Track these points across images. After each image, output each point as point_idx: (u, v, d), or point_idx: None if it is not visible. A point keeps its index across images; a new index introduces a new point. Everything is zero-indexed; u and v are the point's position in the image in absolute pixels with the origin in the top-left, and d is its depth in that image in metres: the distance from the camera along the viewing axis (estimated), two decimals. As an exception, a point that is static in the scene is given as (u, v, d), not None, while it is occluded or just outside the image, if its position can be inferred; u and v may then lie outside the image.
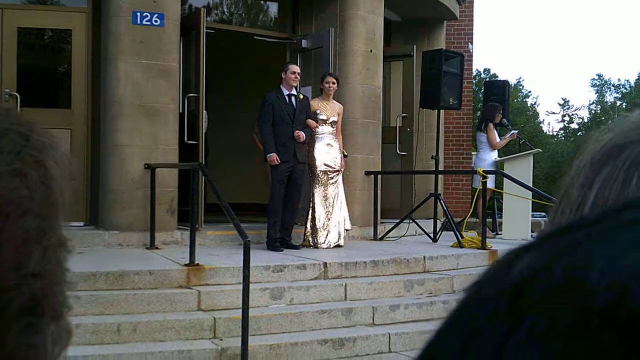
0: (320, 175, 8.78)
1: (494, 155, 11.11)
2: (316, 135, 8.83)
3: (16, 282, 0.69)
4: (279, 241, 8.45)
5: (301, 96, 8.72)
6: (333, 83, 8.95)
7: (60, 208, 0.76)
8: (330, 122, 8.90)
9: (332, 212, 8.79)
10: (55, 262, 0.74)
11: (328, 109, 8.91)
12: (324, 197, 8.79)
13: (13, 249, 0.68)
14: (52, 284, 0.74)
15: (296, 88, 8.76)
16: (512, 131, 11.31)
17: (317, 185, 8.79)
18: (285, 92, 8.59)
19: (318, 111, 8.85)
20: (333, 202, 8.82)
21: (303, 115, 8.64)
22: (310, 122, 8.71)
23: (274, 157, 8.37)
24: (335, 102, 9.08)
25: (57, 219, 0.75)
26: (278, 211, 8.49)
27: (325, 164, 8.80)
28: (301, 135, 8.46)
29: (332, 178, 8.84)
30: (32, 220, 0.70)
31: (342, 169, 9.01)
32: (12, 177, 0.69)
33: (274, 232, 8.47)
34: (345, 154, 9.27)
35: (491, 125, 11.12)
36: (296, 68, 8.70)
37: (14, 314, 0.68)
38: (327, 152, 8.83)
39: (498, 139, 11.13)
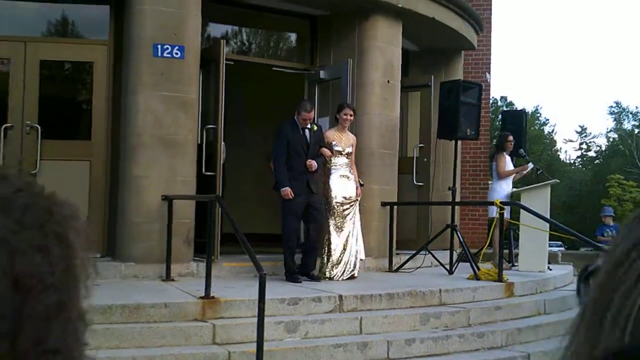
0: (336, 207, 8.80)
1: (507, 186, 10.99)
2: (332, 167, 8.86)
3: (36, 357, 0.71)
4: (298, 273, 8.46)
5: (315, 128, 8.75)
6: (351, 115, 9.00)
7: (81, 281, 0.78)
8: (346, 154, 8.94)
9: (348, 244, 8.80)
10: (74, 336, 0.76)
11: (343, 140, 8.96)
12: (340, 228, 8.81)
13: (35, 325, 0.70)
14: (70, 358, 0.76)
15: (312, 120, 8.78)
16: (529, 164, 11.21)
17: (333, 217, 8.80)
18: (300, 126, 8.66)
19: (333, 142, 8.88)
20: (349, 233, 8.82)
21: (317, 147, 8.68)
22: (325, 150, 8.74)
23: (287, 191, 8.38)
24: (349, 133, 9.12)
25: (77, 292, 0.77)
26: (293, 242, 8.51)
27: (342, 196, 8.83)
28: (313, 164, 8.48)
29: (348, 209, 8.86)
30: (54, 294, 0.72)
31: (359, 197, 9.03)
32: (35, 252, 0.71)
33: (292, 263, 8.48)
34: (362, 182, 9.29)
35: (502, 154, 11.07)
36: (309, 115, 8.63)
37: None
38: (343, 183, 8.87)
39: (507, 168, 11.00)
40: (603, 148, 54.48)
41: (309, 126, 8.66)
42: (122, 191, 8.59)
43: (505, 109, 47.03)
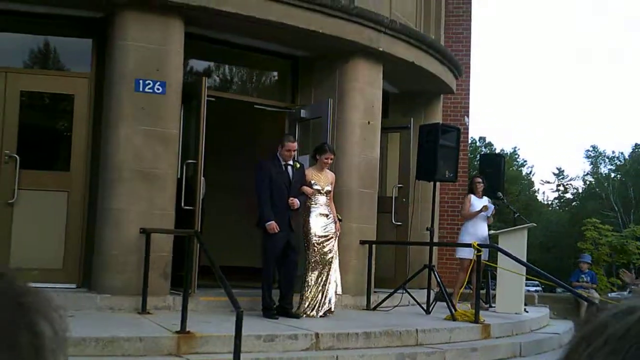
0: (315, 244, 8.80)
1: (476, 228, 10.99)
2: (311, 206, 8.87)
3: None
4: (276, 310, 8.42)
5: (297, 165, 8.77)
6: (331, 159, 9.06)
7: None
8: (325, 192, 8.96)
9: (326, 280, 8.79)
10: None
11: (322, 179, 8.97)
12: (318, 265, 8.79)
13: None
14: None
15: (293, 157, 8.81)
16: (490, 206, 11.17)
17: (312, 254, 8.79)
18: (282, 162, 8.67)
19: (313, 181, 8.90)
20: (328, 270, 8.81)
21: (299, 184, 8.71)
22: (306, 189, 8.77)
23: (273, 225, 8.38)
24: (328, 171, 9.16)
25: None
26: (272, 278, 8.49)
27: (320, 235, 8.83)
28: (295, 202, 8.52)
29: (326, 246, 8.86)
30: None
31: (338, 232, 9.05)
32: (3, 352, 0.71)
33: (270, 299, 8.45)
34: (340, 217, 9.31)
35: (469, 196, 11.17)
36: (292, 145, 8.71)
37: None
38: (322, 221, 8.87)
39: (471, 209, 11.06)
40: (580, 190, 55.09)
41: (291, 163, 8.68)
42: (100, 223, 8.54)
43: (484, 150, 47.54)
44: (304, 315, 8.63)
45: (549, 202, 56.33)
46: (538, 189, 60.69)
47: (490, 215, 11.05)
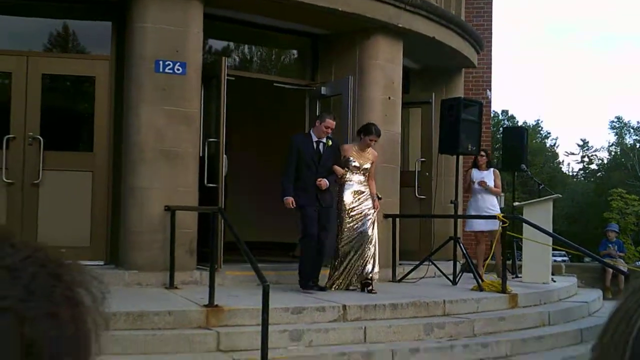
0: (347, 221, 8.63)
1: (477, 201, 10.97)
2: (346, 182, 8.70)
3: None
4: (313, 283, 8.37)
5: (330, 142, 8.62)
6: (375, 141, 8.82)
7: (93, 341, 0.78)
8: (363, 170, 8.76)
9: (359, 257, 8.62)
10: None
11: (362, 157, 8.78)
12: (352, 241, 8.62)
13: None
14: None
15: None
16: (484, 180, 11.07)
17: (344, 231, 8.64)
18: (314, 139, 8.57)
19: (351, 158, 8.72)
20: (363, 248, 8.62)
21: (330, 162, 8.57)
22: (337, 169, 8.60)
23: (289, 200, 8.35)
24: (370, 149, 8.90)
25: (88, 353, 0.77)
26: (313, 250, 8.40)
27: (354, 212, 8.64)
28: (323, 183, 8.39)
29: (360, 223, 8.64)
30: (63, 359, 0.72)
31: (377, 210, 8.86)
32: (43, 319, 0.71)
33: (310, 270, 8.41)
34: (379, 196, 9.11)
35: (470, 170, 11.18)
36: (332, 123, 8.53)
37: None
38: (357, 199, 8.67)
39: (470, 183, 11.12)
40: (605, 161, 54.57)
41: (323, 140, 8.56)
42: (125, 201, 8.62)
43: (506, 123, 47.20)
44: (335, 289, 8.55)
45: (574, 174, 55.89)
46: (562, 161, 60.32)
47: (487, 188, 10.89)
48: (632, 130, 54.21)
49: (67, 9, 9.32)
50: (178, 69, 8.76)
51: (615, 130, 54.98)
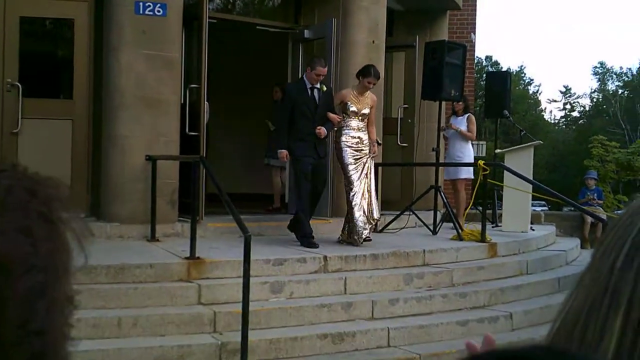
0: (348, 167, 8.36)
1: (451, 147, 10.92)
2: (344, 128, 8.48)
3: (18, 339, 0.69)
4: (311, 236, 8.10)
5: (324, 88, 8.39)
6: (374, 84, 8.59)
7: (69, 261, 0.76)
8: (361, 115, 8.53)
9: (365, 203, 8.37)
10: (59, 317, 0.74)
11: (360, 102, 8.51)
12: (355, 186, 8.34)
13: (17, 306, 0.69)
14: (55, 340, 0.74)
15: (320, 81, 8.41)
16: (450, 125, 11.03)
17: (347, 177, 8.37)
18: (308, 85, 8.33)
19: (349, 103, 8.46)
20: (364, 193, 8.39)
21: (325, 109, 8.34)
22: (333, 116, 8.33)
23: (284, 154, 8.21)
24: (370, 93, 8.64)
25: (65, 273, 0.75)
26: (308, 205, 8.21)
27: (353, 158, 8.38)
28: (322, 131, 8.17)
29: (359, 169, 8.38)
30: (37, 275, 0.71)
31: (374, 155, 8.65)
32: (16, 234, 0.70)
33: (308, 226, 8.15)
34: (379, 142, 8.96)
35: (450, 117, 11.12)
36: (323, 71, 8.29)
37: None
38: (355, 144, 8.42)
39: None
40: (587, 108, 54.75)
41: (317, 86, 8.32)
42: (106, 150, 8.51)
43: (490, 69, 47.05)
44: (345, 242, 8.38)
45: (556, 121, 56.04)
46: (545, 108, 60.46)
47: (453, 129, 10.81)
48: (614, 76, 54.24)
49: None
50: (158, 11, 8.57)
51: (598, 76, 54.98)
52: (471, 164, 10.52)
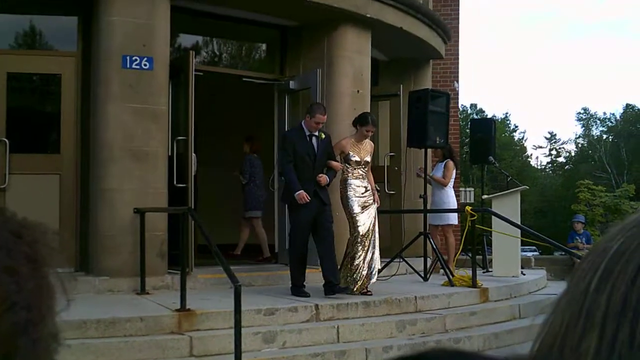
0: (355, 218, 8.24)
1: (432, 195, 11.04)
2: (349, 178, 8.36)
3: None
4: (324, 286, 7.96)
5: (323, 136, 8.28)
6: (372, 132, 8.63)
7: (53, 299, 0.77)
8: (363, 164, 8.45)
9: (370, 253, 8.31)
10: (44, 354, 0.75)
11: (361, 150, 8.45)
12: (361, 237, 8.26)
13: (2, 343, 0.69)
14: None
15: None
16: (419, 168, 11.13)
17: (353, 227, 8.28)
18: (307, 132, 8.22)
19: (351, 153, 8.38)
20: (369, 243, 8.32)
21: (325, 157, 8.24)
22: (335, 164, 8.26)
23: (302, 194, 7.87)
24: (367, 141, 8.62)
25: (49, 310, 0.76)
26: (302, 254, 8.02)
27: (360, 208, 8.27)
28: (324, 179, 8.04)
29: (366, 219, 8.28)
30: (21, 312, 0.72)
31: (378, 204, 8.59)
32: (2, 273, 0.71)
33: (300, 276, 8.05)
34: (378, 188, 8.91)
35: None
36: (322, 118, 8.17)
37: None
38: (360, 194, 8.33)
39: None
40: (572, 154, 55.26)
41: (316, 134, 8.21)
42: (94, 204, 8.49)
43: (475, 116, 47.53)
44: (355, 290, 8.16)
45: (543, 167, 56.52)
46: (531, 154, 61.00)
47: (425, 176, 10.86)
48: (598, 122, 54.93)
49: (31, 4, 9.13)
50: (145, 65, 8.64)
51: (582, 122, 55.67)
52: (458, 210, 10.55)
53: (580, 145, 54.83)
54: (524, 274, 10.82)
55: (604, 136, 52.60)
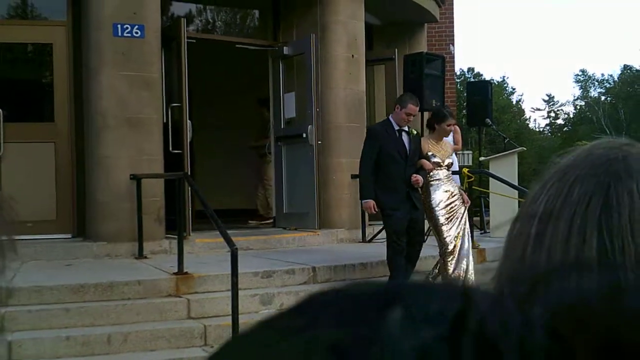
0: (443, 225, 7.39)
1: None
2: (432, 181, 7.42)
3: None
4: None
5: (414, 132, 7.48)
6: (453, 127, 7.91)
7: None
8: (446, 165, 7.55)
9: (460, 263, 7.59)
10: None
11: (441, 151, 7.56)
12: (451, 245, 7.47)
13: None
14: None
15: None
16: None
17: (441, 236, 7.42)
18: (396, 127, 7.38)
19: (430, 153, 7.45)
20: (460, 252, 7.57)
21: (417, 155, 7.35)
22: (426, 163, 7.36)
23: (371, 204, 7.20)
24: (446, 140, 7.85)
25: None
26: (401, 264, 7.26)
27: (447, 214, 7.43)
28: (419, 179, 7.14)
29: (454, 225, 7.47)
30: None
31: (468, 204, 7.76)
32: None
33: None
34: (464, 189, 8.40)
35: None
36: (414, 109, 7.37)
37: None
38: (446, 198, 7.44)
39: None
40: (571, 116, 55.14)
41: (406, 129, 7.38)
42: (90, 171, 8.50)
43: (472, 80, 47.41)
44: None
45: (541, 129, 56.36)
46: (529, 117, 60.74)
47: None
48: (596, 83, 54.71)
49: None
50: (136, 32, 8.60)
51: (580, 84, 55.43)
52: (456, 172, 10.55)
53: (578, 107, 54.68)
54: (521, 234, 10.85)
55: (602, 97, 52.44)
